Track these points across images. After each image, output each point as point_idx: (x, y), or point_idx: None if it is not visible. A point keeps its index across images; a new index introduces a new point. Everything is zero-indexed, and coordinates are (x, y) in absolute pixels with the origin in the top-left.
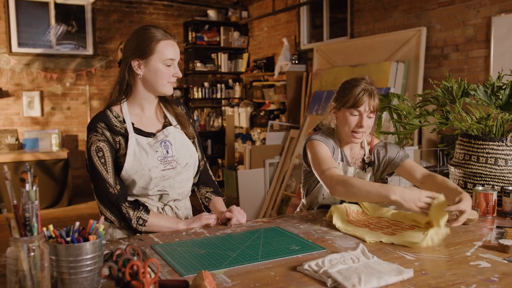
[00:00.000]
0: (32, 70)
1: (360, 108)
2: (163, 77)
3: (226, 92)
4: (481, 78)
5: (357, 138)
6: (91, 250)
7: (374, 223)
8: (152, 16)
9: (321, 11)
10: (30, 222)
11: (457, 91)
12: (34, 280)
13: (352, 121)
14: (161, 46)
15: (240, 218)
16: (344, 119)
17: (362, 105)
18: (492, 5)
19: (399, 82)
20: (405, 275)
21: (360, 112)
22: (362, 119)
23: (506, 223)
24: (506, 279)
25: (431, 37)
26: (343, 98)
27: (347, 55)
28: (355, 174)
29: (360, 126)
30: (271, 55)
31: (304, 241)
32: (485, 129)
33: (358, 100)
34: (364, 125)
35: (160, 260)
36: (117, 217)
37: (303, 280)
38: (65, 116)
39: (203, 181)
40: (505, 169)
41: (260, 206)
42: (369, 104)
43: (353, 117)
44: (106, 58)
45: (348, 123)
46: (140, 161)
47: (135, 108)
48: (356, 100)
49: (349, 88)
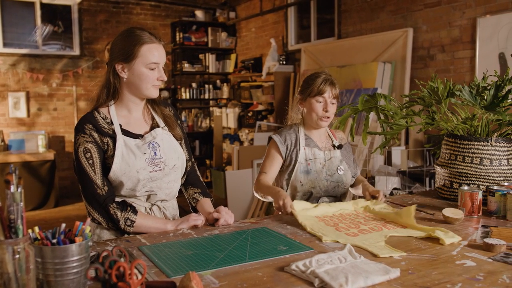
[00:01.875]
0: (18, 70)
1: (324, 95)
2: (147, 80)
3: (214, 93)
4: (466, 79)
5: (324, 121)
6: (77, 252)
7: (344, 223)
8: (139, 17)
9: (308, 12)
10: (15, 224)
11: (443, 92)
12: (20, 282)
13: (318, 108)
14: (145, 50)
15: (227, 218)
16: (311, 107)
17: (325, 92)
18: (477, 6)
19: (386, 83)
20: (391, 275)
21: (324, 99)
22: (327, 104)
23: (491, 222)
24: (491, 277)
25: (418, 38)
26: (307, 89)
27: (335, 56)
28: (325, 156)
29: (326, 111)
30: (259, 55)
31: (292, 242)
32: (470, 129)
33: (322, 88)
34: (329, 110)
35: (147, 261)
36: (104, 218)
37: (290, 280)
38: (52, 117)
39: (191, 182)
40: (490, 168)
41: (248, 207)
42: (331, 91)
43: (318, 103)
44: (93, 59)
45: (315, 109)
46: (128, 162)
47: (122, 110)
48: (320, 89)
49: (312, 79)
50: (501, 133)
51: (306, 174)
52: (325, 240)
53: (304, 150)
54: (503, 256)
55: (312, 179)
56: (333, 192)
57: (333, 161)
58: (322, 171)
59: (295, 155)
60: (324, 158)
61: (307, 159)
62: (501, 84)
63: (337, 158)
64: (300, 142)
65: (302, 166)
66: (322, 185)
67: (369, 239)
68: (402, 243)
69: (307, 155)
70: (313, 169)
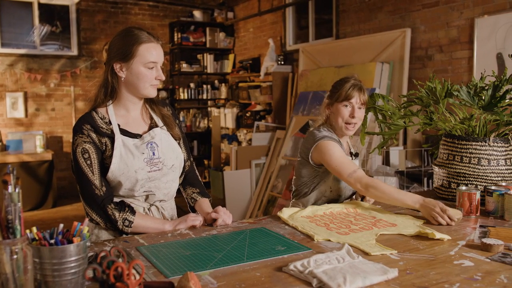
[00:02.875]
0: (16, 70)
1: (352, 100)
2: (145, 80)
3: (212, 93)
4: (464, 79)
5: (350, 129)
6: (75, 252)
7: (335, 223)
8: (137, 17)
9: (306, 12)
10: (13, 225)
11: (441, 92)
12: (17, 283)
13: (345, 113)
14: (143, 49)
15: (226, 219)
16: (338, 112)
17: (353, 97)
18: (475, 6)
19: (384, 83)
20: (389, 275)
21: (352, 104)
22: (354, 110)
23: (489, 222)
24: (489, 277)
25: (416, 38)
26: (335, 93)
27: (333, 56)
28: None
29: (353, 117)
30: (257, 56)
31: (290, 242)
32: (468, 130)
33: (349, 93)
34: (356, 116)
35: (146, 261)
36: (103, 218)
37: (288, 281)
38: (50, 117)
39: (190, 182)
40: (488, 169)
41: (246, 207)
42: (359, 97)
43: (345, 108)
44: (91, 59)
45: (341, 115)
46: (126, 162)
47: (121, 110)
48: (348, 94)
49: (341, 84)
50: (498, 133)
51: (337, 181)
52: (317, 239)
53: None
54: (501, 256)
55: (342, 187)
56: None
57: None
58: None
59: None
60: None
61: None
62: (499, 85)
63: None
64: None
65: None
66: (347, 194)
67: (360, 238)
68: (401, 243)
69: None
70: None
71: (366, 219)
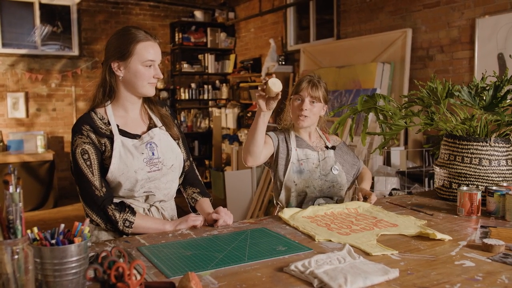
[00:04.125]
0: (17, 71)
1: (301, 93)
2: (142, 78)
3: (213, 93)
4: (465, 79)
5: (301, 120)
6: (76, 252)
7: (336, 223)
8: (138, 17)
9: (307, 12)
10: (14, 225)
11: (442, 92)
12: (18, 283)
13: (295, 105)
14: (140, 48)
15: (226, 219)
16: (292, 106)
17: (301, 91)
18: (476, 7)
19: (385, 83)
20: (390, 275)
21: (301, 97)
22: (303, 103)
23: (490, 223)
24: (490, 278)
25: (417, 39)
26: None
27: (334, 56)
28: (319, 156)
29: (300, 109)
30: (258, 56)
31: (291, 242)
32: (469, 130)
33: (299, 87)
34: (304, 108)
35: (146, 262)
36: (103, 219)
37: (289, 281)
38: (51, 118)
39: (190, 182)
40: (489, 169)
41: (247, 207)
42: (308, 91)
43: (296, 102)
44: (92, 59)
45: (293, 107)
46: (126, 163)
47: (119, 110)
48: (298, 88)
49: (298, 81)
50: (500, 134)
51: (299, 173)
52: (318, 239)
53: (296, 151)
54: (502, 256)
55: (306, 178)
56: (328, 192)
57: (327, 161)
58: (316, 170)
59: (285, 155)
60: (318, 158)
61: (299, 159)
62: (500, 85)
63: (331, 158)
64: (291, 143)
65: (295, 166)
66: (316, 184)
67: (361, 238)
68: (402, 243)
69: (299, 156)
70: (306, 169)
71: (367, 220)
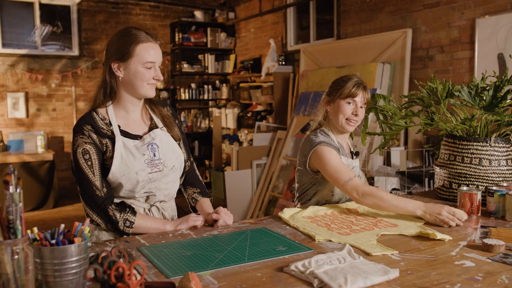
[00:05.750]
0: (17, 71)
1: (356, 98)
2: (142, 79)
3: (213, 93)
4: (465, 79)
5: (351, 125)
6: (76, 252)
7: (336, 223)
8: (138, 17)
9: (307, 13)
10: (14, 225)
11: (442, 92)
12: (18, 283)
13: (348, 110)
14: (141, 49)
15: (226, 219)
16: (339, 109)
17: (357, 95)
18: (476, 7)
19: (385, 83)
20: (391, 275)
21: (355, 102)
22: (357, 108)
23: (490, 223)
24: (490, 278)
25: (417, 39)
26: (337, 90)
27: (334, 56)
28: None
29: (356, 114)
30: (258, 56)
31: (291, 242)
32: (469, 130)
33: (354, 91)
34: (359, 114)
35: (147, 262)
36: (103, 219)
37: (289, 281)
38: (51, 118)
39: (190, 182)
40: (489, 169)
41: (247, 207)
42: (363, 96)
43: (348, 106)
44: (92, 59)
45: (343, 112)
46: (127, 164)
47: (120, 111)
48: (353, 91)
49: (344, 81)
50: (500, 134)
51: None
52: (318, 239)
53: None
54: (502, 256)
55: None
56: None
57: (355, 170)
58: None
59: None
60: (350, 166)
61: None
62: (500, 85)
63: (357, 167)
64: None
65: None
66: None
67: (361, 238)
68: (402, 243)
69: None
70: None
71: (367, 220)
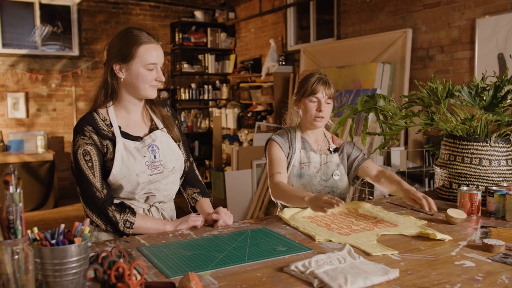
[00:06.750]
0: (17, 71)
1: (318, 95)
2: (144, 81)
3: (213, 93)
4: (465, 79)
5: (319, 121)
6: (76, 252)
7: (336, 223)
8: (138, 17)
9: (307, 13)
10: (14, 225)
11: (442, 92)
12: (18, 283)
13: (312, 108)
14: (143, 50)
15: (226, 219)
16: (305, 107)
17: (318, 91)
18: (476, 7)
19: (385, 83)
20: (391, 275)
21: (318, 99)
22: (321, 104)
23: (490, 223)
24: (490, 278)
25: (417, 39)
26: (301, 89)
27: (334, 56)
28: (321, 160)
29: (320, 110)
30: (258, 56)
31: (291, 242)
32: (469, 130)
33: (315, 87)
34: (323, 109)
35: (147, 262)
36: (103, 220)
37: (289, 281)
38: (51, 118)
39: (190, 182)
40: (489, 169)
41: (247, 207)
42: (324, 91)
43: (312, 103)
44: (92, 59)
45: (309, 110)
46: (128, 166)
47: (121, 112)
48: (313, 88)
49: (306, 80)
50: (500, 134)
51: (299, 178)
52: (318, 239)
53: (300, 153)
54: (502, 256)
55: (305, 183)
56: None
57: (329, 165)
58: (317, 175)
59: (289, 158)
60: (320, 161)
61: (301, 162)
62: (500, 85)
63: (333, 163)
64: (296, 144)
65: (296, 170)
66: (315, 189)
67: (361, 238)
68: (402, 243)
69: (302, 158)
70: (306, 173)
71: (367, 220)
